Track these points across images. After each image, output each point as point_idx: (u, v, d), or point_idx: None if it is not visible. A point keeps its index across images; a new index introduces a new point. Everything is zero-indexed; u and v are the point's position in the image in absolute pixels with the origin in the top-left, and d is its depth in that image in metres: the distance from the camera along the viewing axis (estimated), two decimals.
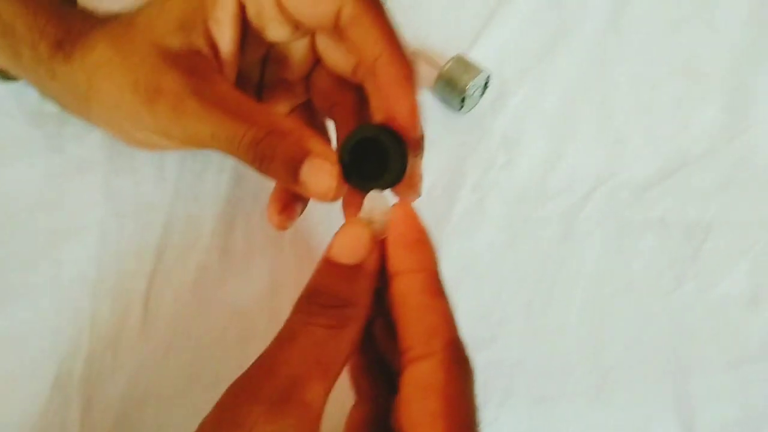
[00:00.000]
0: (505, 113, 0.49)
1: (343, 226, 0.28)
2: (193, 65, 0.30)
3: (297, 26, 0.33)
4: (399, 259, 0.27)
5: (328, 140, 0.37)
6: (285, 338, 0.26)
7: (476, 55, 0.48)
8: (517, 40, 0.51)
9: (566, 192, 0.47)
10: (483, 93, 0.49)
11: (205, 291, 0.41)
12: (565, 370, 0.42)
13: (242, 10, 0.32)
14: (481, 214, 0.46)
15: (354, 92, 0.35)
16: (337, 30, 0.31)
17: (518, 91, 0.50)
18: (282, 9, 0.31)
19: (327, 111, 0.37)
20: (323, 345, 0.26)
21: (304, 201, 0.37)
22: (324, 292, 0.27)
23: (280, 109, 0.38)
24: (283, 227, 0.37)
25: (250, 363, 0.26)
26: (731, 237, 0.46)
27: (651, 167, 0.48)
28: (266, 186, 0.44)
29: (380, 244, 0.28)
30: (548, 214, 0.46)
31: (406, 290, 0.27)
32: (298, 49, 0.36)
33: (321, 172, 0.28)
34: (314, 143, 0.28)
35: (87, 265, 0.40)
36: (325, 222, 0.43)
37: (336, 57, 0.35)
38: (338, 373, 0.26)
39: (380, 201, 0.29)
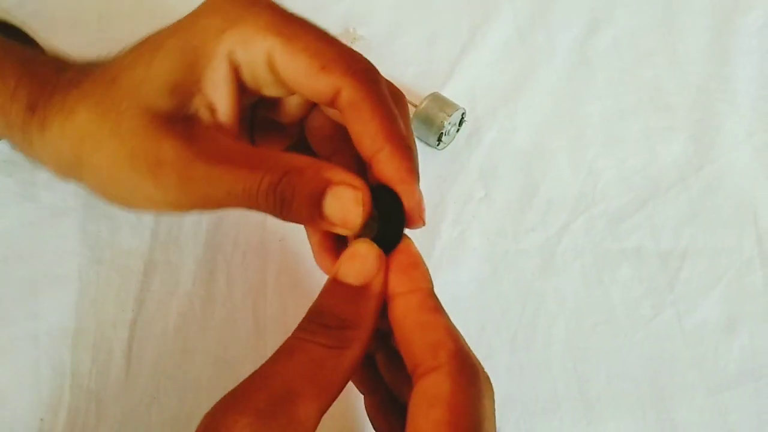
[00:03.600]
0: (480, 148, 0.50)
1: (351, 246, 0.27)
2: (190, 128, 0.28)
3: (293, 92, 0.31)
4: (394, 283, 0.27)
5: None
6: (282, 353, 0.26)
7: (450, 92, 0.49)
8: (489, 77, 0.52)
9: (543, 225, 0.48)
10: (459, 129, 0.49)
11: (188, 339, 0.40)
12: (552, 403, 0.42)
13: (236, 70, 0.30)
14: (463, 247, 0.46)
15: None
16: (333, 107, 0.30)
17: (492, 126, 0.50)
18: (277, 77, 0.30)
19: (327, 157, 0.35)
20: (321, 364, 0.25)
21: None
22: (326, 312, 0.26)
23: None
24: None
25: None
26: (705, 264, 0.47)
27: (624, 198, 0.49)
28: (245, 230, 0.44)
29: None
30: (527, 247, 0.47)
31: (404, 311, 0.27)
32: (294, 99, 0.34)
33: (345, 199, 0.26)
34: (333, 172, 0.27)
35: (66, 316, 0.40)
36: (308, 264, 0.43)
37: (333, 113, 0.33)
38: (335, 395, 0.26)
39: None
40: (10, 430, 0.36)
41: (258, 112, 0.35)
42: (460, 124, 0.49)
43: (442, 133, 0.47)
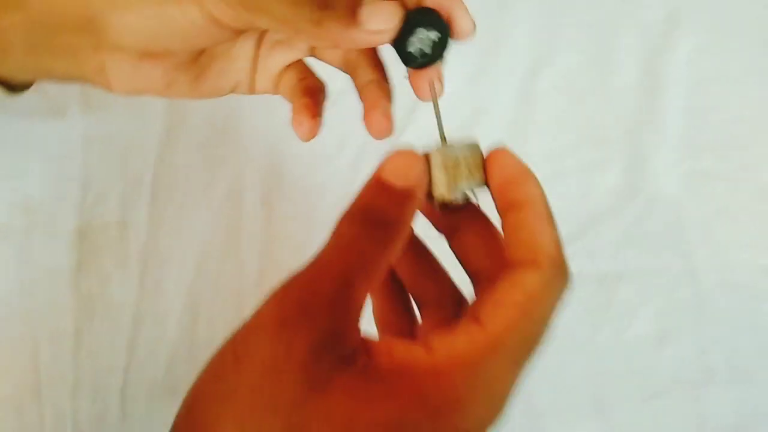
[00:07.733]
0: None
1: (397, 151, 0.29)
2: None
3: None
4: (512, 194, 0.29)
5: None
6: (339, 245, 0.27)
7: (406, 140, 0.53)
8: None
9: None
10: None
11: (177, 381, 0.45)
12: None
13: None
14: None
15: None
16: None
17: None
18: None
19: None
20: (369, 257, 0.27)
21: (321, 114, 0.37)
22: (377, 210, 0.28)
23: (278, 60, 0.38)
24: (312, 135, 0.37)
25: None
26: (638, 285, 0.53)
27: (565, 227, 0.53)
28: (227, 277, 0.48)
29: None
30: None
31: (521, 219, 0.28)
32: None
33: (382, 9, 0.28)
34: None
35: (65, 368, 0.44)
36: None
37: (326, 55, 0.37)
38: (375, 285, 0.28)
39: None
40: None
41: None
42: None
43: None
